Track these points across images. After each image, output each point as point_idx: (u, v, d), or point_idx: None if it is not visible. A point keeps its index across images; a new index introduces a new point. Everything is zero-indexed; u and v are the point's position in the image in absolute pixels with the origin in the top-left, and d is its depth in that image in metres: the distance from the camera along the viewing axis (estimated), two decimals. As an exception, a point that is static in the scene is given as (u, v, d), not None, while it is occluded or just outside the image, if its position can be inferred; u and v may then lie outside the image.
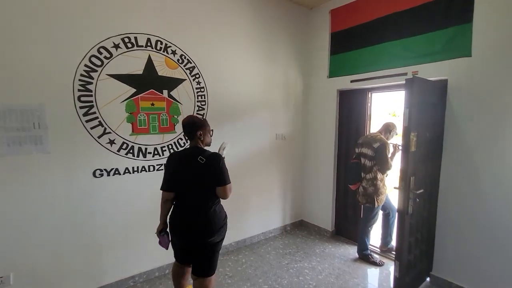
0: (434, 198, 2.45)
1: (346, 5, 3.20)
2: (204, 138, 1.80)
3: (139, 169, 2.40)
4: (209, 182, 1.69)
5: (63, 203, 2.07)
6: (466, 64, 2.27)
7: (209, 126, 1.86)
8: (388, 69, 2.82)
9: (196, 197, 1.72)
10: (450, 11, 2.33)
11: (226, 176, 1.71)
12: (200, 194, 1.71)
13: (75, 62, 2.03)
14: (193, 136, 1.77)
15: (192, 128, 1.75)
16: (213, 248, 1.75)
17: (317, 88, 3.63)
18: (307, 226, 3.86)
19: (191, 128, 1.76)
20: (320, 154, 3.64)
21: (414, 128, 2.05)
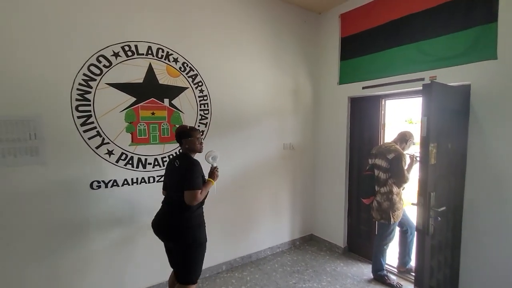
0: (459, 216, 2.20)
1: (356, 9, 3.05)
2: (189, 146, 1.89)
3: (139, 181, 2.31)
4: (181, 185, 1.77)
5: (59, 216, 1.99)
6: (491, 67, 2.05)
7: (195, 136, 1.90)
8: (403, 75, 2.63)
9: (171, 198, 1.87)
10: (472, 10, 2.13)
11: (193, 181, 1.76)
12: (174, 196, 1.83)
13: (74, 71, 1.99)
14: (180, 144, 1.93)
15: (177, 137, 1.92)
16: (186, 252, 1.81)
17: (327, 95, 3.47)
18: (317, 241, 3.63)
19: (177, 137, 1.92)
20: (330, 165, 3.44)
21: (434, 138, 1.84)
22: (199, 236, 1.85)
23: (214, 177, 1.97)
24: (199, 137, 1.93)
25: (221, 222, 2.83)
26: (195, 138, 1.89)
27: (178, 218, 1.81)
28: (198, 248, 1.84)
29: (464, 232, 2.22)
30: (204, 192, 1.83)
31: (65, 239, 2.03)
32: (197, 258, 1.85)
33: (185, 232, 1.80)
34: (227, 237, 2.90)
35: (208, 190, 1.88)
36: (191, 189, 1.74)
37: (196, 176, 1.78)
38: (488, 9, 2.05)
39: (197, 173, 1.80)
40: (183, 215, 1.81)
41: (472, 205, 2.18)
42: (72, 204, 2.03)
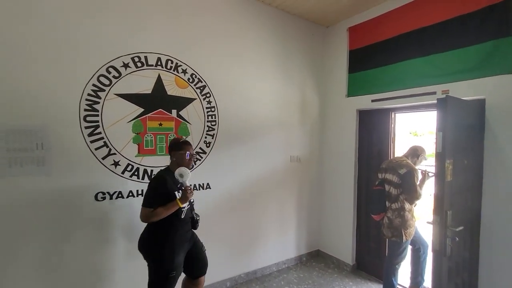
0: (476, 236, 2.10)
1: (364, 22, 3.06)
2: (177, 159, 1.84)
3: (144, 192, 2.26)
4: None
5: (62, 228, 1.95)
6: (507, 81, 2.00)
7: (185, 150, 1.83)
8: (414, 88, 2.59)
9: None
10: (486, 24, 2.10)
11: (145, 197, 1.74)
12: None
13: (83, 81, 1.99)
14: (170, 157, 1.89)
15: (169, 149, 1.89)
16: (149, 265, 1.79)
17: (335, 108, 3.43)
18: (324, 258, 3.51)
19: (168, 149, 1.90)
20: (338, 179, 3.37)
21: (450, 154, 1.77)
22: (161, 258, 1.73)
23: (184, 199, 1.75)
24: (192, 153, 1.87)
25: (226, 237, 2.75)
26: (185, 152, 1.82)
27: (145, 231, 1.83)
28: (158, 270, 1.73)
29: (482, 252, 2.11)
30: (162, 211, 1.68)
31: (68, 251, 1.97)
32: (159, 276, 1.73)
33: (147, 248, 1.79)
34: (232, 252, 2.81)
35: (170, 210, 1.71)
36: (142, 206, 1.72)
37: (150, 192, 1.72)
38: (503, 22, 2.02)
39: (153, 190, 1.72)
40: (149, 229, 1.81)
41: (489, 224, 2.08)
42: (76, 216, 1.99)
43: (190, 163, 1.85)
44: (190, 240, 1.93)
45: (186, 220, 1.87)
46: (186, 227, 1.89)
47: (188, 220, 1.91)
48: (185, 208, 1.82)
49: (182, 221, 1.82)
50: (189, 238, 1.92)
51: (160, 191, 1.73)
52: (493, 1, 2.08)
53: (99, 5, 2.04)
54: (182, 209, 1.79)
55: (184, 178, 1.75)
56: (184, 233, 1.86)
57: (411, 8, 2.62)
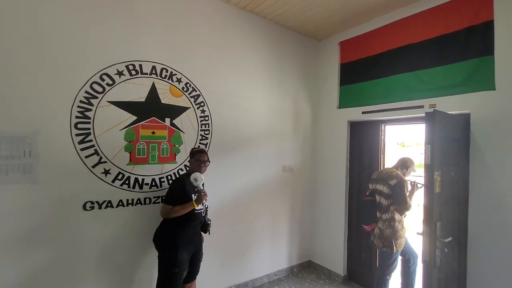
0: (464, 247, 2.15)
1: (355, 37, 3.17)
2: (191, 166, 2.12)
3: (134, 202, 2.22)
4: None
5: (47, 238, 1.87)
6: (490, 97, 2.11)
7: (196, 158, 2.06)
8: (402, 101, 2.68)
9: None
10: (469, 43, 2.22)
11: (166, 195, 2.01)
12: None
13: (76, 88, 1.96)
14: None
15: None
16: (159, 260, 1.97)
17: (326, 119, 3.50)
18: (316, 268, 3.49)
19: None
20: (330, 189, 3.40)
21: (438, 166, 1.83)
22: (165, 252, 1.95)
23: (198, 200, 1.97)
24: (202, 159, 2.06)
25: (217, 247, 2.70)
26: (195, 160, 2.06)
27: (159, 226, 2.05)
28: (162, 264, 1.94)
29: (470, 263, 2.16)
30: (179, 209, 1.92)
31: (53, 262, 1.89)
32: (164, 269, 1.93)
33: (157, 241, 2.01)
34: (222, 263, 2.76)
35: (186, 209, 1.93)
36: (162, 202, 2.01)
37: (171, 191, 1.99)
38: (485, 42, 2.14)
39: (174, 189, 1.99)
40: (162, 225, 2.04)
41: (476, 235, 2.14)
42: (62, 226, 1.92)
43: (200, 169, 2.05)
44: (197, 244, 2.10)
45: (196, 223, 2.05)
46: (195, 229, 2.07)
47: (198, 223, 2.08)
48: (200, 210, 2.04)
49: (191, 223, 2.01)
50: (196, 242, 2.09)
51: (180, 191, 1.96)
52: (473, 23, 2.21)
53: (94, 13, 2.04)
54: (195, 211, 1.99)
55: (198, 182, 1.96)
56: (191, 234, 2.03)
57: (399, 26, 2.74)
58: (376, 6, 2.74)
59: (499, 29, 2.08)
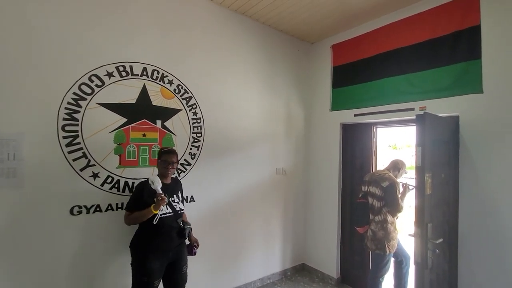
0: (454, 248, 2.17)
1: (347, 41, 3.20)
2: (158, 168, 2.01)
3: (124, 206, 2.16)
4: None
5: (32, 245, 1.80)
6: (478, 100, 2.15)
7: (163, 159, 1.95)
8: (394, 104, 2.71)
9: None
10: (458, 47, 2.27)
11: (128, 201, 1.92)
12: None
13: (63, 89, 1.91)
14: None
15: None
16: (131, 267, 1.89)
17: (319, 121, 3.51)
18: (309, 271, 3.47)
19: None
20: (323, 191, 3.40)
21: (429, 168, 1.85)
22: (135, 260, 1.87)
23: (157, 205, 1.79)
24: (169, 160, 1.94)
25: (209, 251, 2.66)
26: (162, 161, 1.94)
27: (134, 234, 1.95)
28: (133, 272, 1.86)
29: (460, 264, 2.18)
30: (138, 216, 1.82)
31: (39, 269, 1.82)
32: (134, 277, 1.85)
33: (130, 248, 1.92)
34: (214, 268, 2.72)
35: (145, 216, 1.80)
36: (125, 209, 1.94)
37: (131, 197, 1.93)
38: (472, 46, 2.18)
39: (132, 195, 1.92)
40: (135, 232, 1.95)
41: (466, 236, 2.16)
42: (48, 232, 1.85)
43: (165, 171, 1.94)
44: (175, 252, 1.94)
45: (166, 229, 1.89)
46: (167, 236, 1.90)
47: (170, 229, 1.91)
48: (165, 215, 1.89)
49: (158, 228, 1.85)
50: (173, 250, 1.92)
51: (138, 196, 1.86)
52: (461, 27, 2.26)
53: (84, 13, 2.00)
54: (160, 216, 1.84)
55: (154, 185, 1.82)
56: (162, 241, 1.87)
57: (389, 30, 2.78)
58: (367, 10, 2.77)
59: (486, 33, 2.13)
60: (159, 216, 1.83)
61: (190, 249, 2.09)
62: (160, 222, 1.84)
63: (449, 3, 2.34)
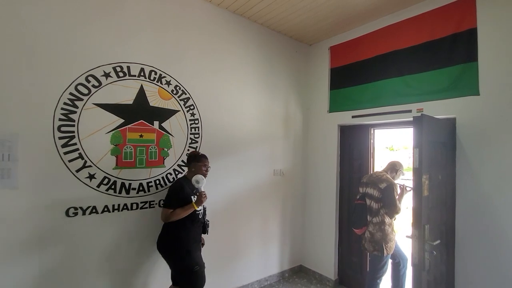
0: (451, 250, 2.17)
1: (345, 43, 3.21)
2: (195, 170, 2.11)
3: (120, 207, 2.15)
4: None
5: (27, 247, 1.78)
6: (475, 102, 2.16)
7: (203, 162, 2.12)
8: (391, 106, 2.72)
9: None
10: (454, 50, 2.28)
11: (166, 200, 2.01)
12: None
13: (60, 89, 1.89)
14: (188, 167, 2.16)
15: (188, 160, 2.17)
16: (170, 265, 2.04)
17: (317, 123, 3.51)
18: (307, 273, 3.47)
19: (188, 160, 2.17)
20: (321, 192, 3.40)
21: (426, 169, 1.85)
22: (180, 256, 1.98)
23: (198, 202, 2.02)
24: (207, 164, 2.17)
25: (206, 253, 2.64)
26: (201, 164, 2.12)
27: (163, 233, 2.07)
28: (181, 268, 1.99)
29: (457, 265, 2.19)
30: (180, 212, 1.95)
31: (33, 273, 1.79)
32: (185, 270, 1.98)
33: (165, 248, 2.03)
34: (212, 269, 2.69)
35: (186, 211, 1.97)
36: (163, 207, 2.01)
37: (170, 195, 2.00)
38: (469, 49, 2.20)
39: (173, 193, 1.99)
40: (166, 231, 2.04)
41: (463, 237, 2.17)
42: (43, 233, 1.83)
43: (205, 173, 2.15)
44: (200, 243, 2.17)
45: (198, 224, 2.11)
46: (198, 230, 2.13)
47: (200, 224, 2.15)
48: (199, 211, 2.09)
49: (194, 223, 2.06)
50: (200, 241, 2.17)
51: (179, 194, 1.98)
52: (458, 30, 2.28)
53: (81, 13, 1.99)
54: (197, 212, 2.04)
55: (199, 184, 2.03)
56: (196, 235, 2.10)
57: (387, 32, 2.80)
58: (364, 12, 2.79)
59: (482, 36, 2.14)
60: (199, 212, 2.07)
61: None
62: (196, 218, 2.06)
63: (446, 6, 2.35)
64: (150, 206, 2.28)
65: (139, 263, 2.23)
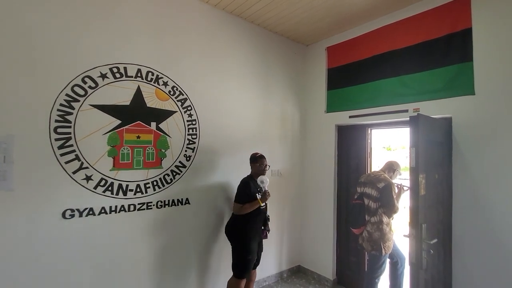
0: (448, 248, 2.19)
1: (342, 43, 3.23)
2: (253, 169, 2.50)
3: (118, 209, 2.13)
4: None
5: (23, 249, 1.76)
6: (470, 102, 2.18)
7: (260, 163, 2.45)
8: (388, 106, 2.73)
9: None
10: (450, 50, 2.30)
11: (237, 196, 2.37)
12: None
13: (56, 90, 1.88)
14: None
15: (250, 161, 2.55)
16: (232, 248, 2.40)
17: (314, 123, 3.52)
18: (305, 273, 3.47)
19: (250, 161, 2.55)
20: (318, 192, 3.40)
21: (423, 169, 1.86)
22: (240, 243, 2.33)
23: (263, 199, 2.34)
24: (266, 164, 2.47)
25: (205, 254, 2.64)
26: (260, 164, 2.45)
27: (230, 222, 2.45)
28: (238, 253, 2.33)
29: (454, 264, 2.20)
30: (248, 207, 2.28)
31: (29, 277, 1.78)
32: (240, 256, 2.32)
33: (230, 235, 2.39)
34: (209, 270, 2.69)
35: (253, 207, 2.29)
36: (235, 202, 2.37)
37: (240, 192, 2.35)
38: (464, 49, 2.22)
39: (242, 190, 2.35)
40: (233, 221, 2.42)
41: (460, 236, 2.18)
42: (39, 236, 1.82)
43: (264, 172, 2.46)
44: (260, 236, 2.46)
45: (260, 218, 2.40)
46: (260, 224, 2.43)
47: (261, 219, 2.43)
48: (263, 207, 2.38)
49: (257, 217, 2.36)
50: (260, 234, 2.45)
51: (247, 191, 2.32)
52: (453, 30, 2.30)
53: (78, 14, 1.98)
54: (261, 207, 2.34)
55: (264, 184, 2.36)
56: (258, 228, 2.41)
57: (383, 32, 2.81)
58: (361, 13, 2.80)
59: (477, 36, 2.16)
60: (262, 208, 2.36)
61: (264, 233, 2.52)
62: (260, 213, 2.36)
63: (442, 6, 2.37)
64: (148, 208, 2.27)
65: (138, 264, 2.22)
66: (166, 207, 2.38)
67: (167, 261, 2.38)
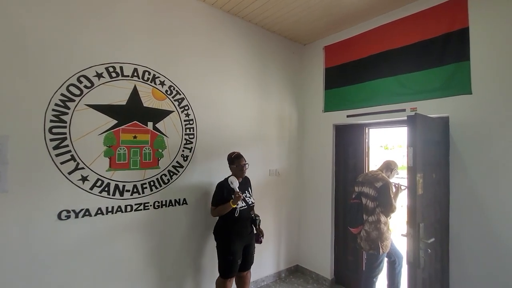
0: (446, 248, 2.19)
1: (339, 42, 3.22)
2: (232, 171, 2.41)
3: (114, 210, 2.12)
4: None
5: (18, 251, 1.74)
6: (467, 101, 2.18)
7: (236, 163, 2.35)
8: (385, 105, 2.74)
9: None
10: (447, 49, 2.31)
11: (212, 198, 2.35)
12: None
13: (51, 90, 1.86)
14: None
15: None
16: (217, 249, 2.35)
17: (312, 122, 3.52)
18: (303, 273, 3.47)
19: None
20: (316, 192, 3.40)
21: (420, 168, 1.87)
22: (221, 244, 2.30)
23: (235, 200, 2.22)
24: (242, 164, 2.36)
25: (202, 255, 2.63)
26: (236, 165, 2.35)
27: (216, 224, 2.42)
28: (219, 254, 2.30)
29: (452, 263, 2.21)
30: (221, 209, 2.24)
31: (24, 278, 1.76)
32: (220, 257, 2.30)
33: (215, 236, 2.37)
34: (205, 271, 2.68)
35: (226, 209, 2.22)
36: (211, 204, 2.35)
37: (214, 195, 2.33)
38: (461, 49, 2.22)
39: (215, 193, 2.33)
40: (217, 222, 2.41)
41: (457, 235, 2.19)
42: (34, 238, 1.79)
43: (240, 173, 2.36)
44: (248, 238, 2.38)
45: (242, 218, 2.31)
46: (243, 224, 2.35)
47: (245, 219, 2.36)
48: (242, 207, 2.30)
49: (237, 218, 2.27)
50: (247, 235, 2.38)
51: (219, 194, 2.29)
52: (450, 29, 2.30)
53: (73, 13, 1.96)
54: (238, 208, 2.26)
55: (233, 185, 2.26)
56: (240, 228, 2.32)
57: (380, 32, 2.81)
58: (358, 12, 2.80)
59: (474, 35, 2.17)
60: (238, 209, 2.26)
61: (257, 238, 2.48)
62: (239, 214, 2.27)
63: (439, 5, 2.38)
64: (145, 208, 2.26)
65: (135, 265, 2.20)
66: (163, 207, 2.36)
67: (164, 261, 2.37)
